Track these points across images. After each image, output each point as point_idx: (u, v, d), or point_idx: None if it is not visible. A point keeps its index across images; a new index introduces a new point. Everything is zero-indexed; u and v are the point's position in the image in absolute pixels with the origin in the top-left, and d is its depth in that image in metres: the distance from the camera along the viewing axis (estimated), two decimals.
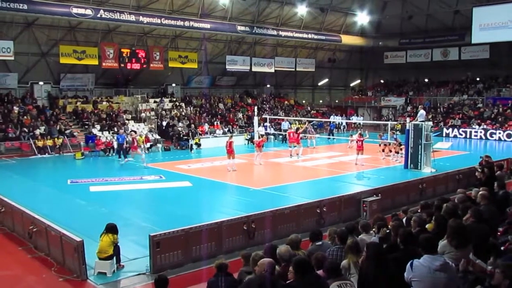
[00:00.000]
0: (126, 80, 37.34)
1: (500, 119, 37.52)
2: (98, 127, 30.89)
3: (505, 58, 41.31)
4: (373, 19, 44.71)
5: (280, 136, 34.44)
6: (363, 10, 42.76)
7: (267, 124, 34.05)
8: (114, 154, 27.51)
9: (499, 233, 7.78)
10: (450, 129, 38.41)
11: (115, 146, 27.52)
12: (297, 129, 29.14)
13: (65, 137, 28.91)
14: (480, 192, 8.84)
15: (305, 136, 29.39)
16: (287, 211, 12.31)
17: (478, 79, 44.83)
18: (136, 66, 34.40)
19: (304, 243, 7.60)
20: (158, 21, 31.95)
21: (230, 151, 21.89)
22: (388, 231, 7.76)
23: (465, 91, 44.10)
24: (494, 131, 36.04)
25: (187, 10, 34.69)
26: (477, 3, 38.33)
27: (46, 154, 27.34)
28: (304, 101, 49.92)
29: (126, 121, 32.88)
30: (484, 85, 43.52)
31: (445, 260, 5.23)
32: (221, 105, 40.93)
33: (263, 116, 35.02)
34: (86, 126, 31.01)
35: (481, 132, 36.66)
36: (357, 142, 23.77)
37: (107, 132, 30.46)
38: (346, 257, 6.38)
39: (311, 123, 35.75)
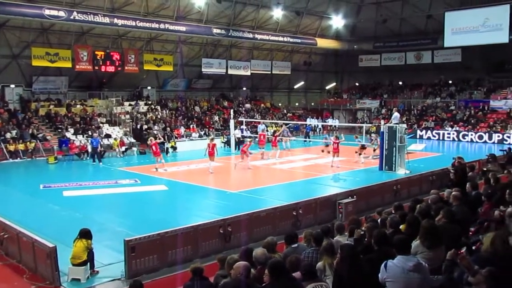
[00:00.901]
0: (100, 83, 36.90)
1: (472, 121, 38.23)
2: (71, 130, 30.42)
3: (476, 62, 42.10)
4: (348, 23, 45.06)
5: (257, 139, 34.41)
6: (338, 13, 43.06)
7: (243, 127, 34.02)
8: (88, 158, 27.20)
9: (471, 233, 7.91)
10: (424, 131, 39.00)
11: (89, 150, 27.23)
12: (275, 132, 29.25)
13: (38, 141, 28.36)
14: (453, 193, 8.97)
15: (280, 139, 29.50)
16: (263, 214, 12.31)
17: (450, 82, 45.61)
18: (111, 68, 33.99)
19: (280, 246, 7.60)
20: (133, 23, 31.60)
21: (211, 153, 22.02)
22: (362, 232, 7.81)
23: (438, 94, 44.82)
24: (466, 133, 36.70)
25: (162, 13, 34.45)
26: (449, 7, 39.03)
27: (18, 158, 26.80)
28: (280, 104, 50.03)
29: (101, 125, 32.47)
30: (456, 88, 44.28)
31: (418, 260, 5.28)
32: (197, 108, 40.76)
33: (239, 119, 35.01)
34: (59, 130, 30.49)
35: (453, 134, 37.31)
36: (333, 144, 23.95)
37: (81, 135, 30.02)
38: (321, 259, 6.40)
39: (288, 126, 35.93)
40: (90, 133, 29.99)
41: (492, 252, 4.79)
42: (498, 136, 34.76)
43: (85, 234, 9.67)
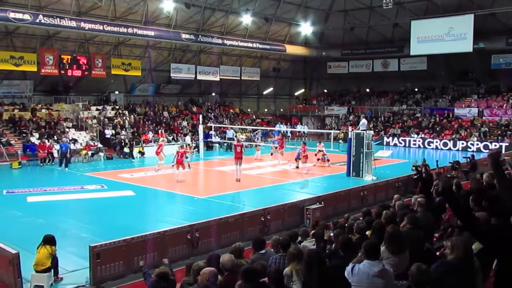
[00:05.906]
0: (66, 87, 36.28)
1: (437, 128, 39.01)
2: (36, 135, 29.79)
3: (441, 70, 43.10)
4: (316, 30, 45.53)
5: (225, 144, 34.45)
6: (306, 21, 43.49)
7: (212, 132, 33.93)
8: (52, 163, 26.63)
9: (435, 239, 8.04)
10: (390, 138, 39.62)
11: (55, 154, 26.70)
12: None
13: (1, 145, 27.68)
14: (418, 199, 9.12)
15: (250, 145, 29.62)
16: (231, 220, 12.30)
17: (416, 89, 46.57)
18: (77, 73, 33.44)
19: (247, 252, 7.60)
20: (100, 27, 31.20)
21: (180, 161, 22.22)
22: (332, 234, 7.87)
23: (404, 101, 45.62)
24: (431, 140, 37.44)
25: (130, 17, 34.10)
26: (415, 16, 39.83)
27: None
28: (249, 110, 50.10)
29: (67, 129, 31.91)
30: (422, 95, 45.18)
31: (383, 266, 5.34)
32: (165, 113, 40.48)
33: (208, 125, 34.95)
34: (24, 135, 29.82)
35: (419, 141, 37.99)
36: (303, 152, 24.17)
37: (46, 140, 29.37)
38: (288, 264, 6.41)
39: (256, 132, 36.07)
40: (55, 137, 29.43)
41: (454, 257, 4.88)
42: (462, 144, 35.50)
43: (49, 240, 9.48)
